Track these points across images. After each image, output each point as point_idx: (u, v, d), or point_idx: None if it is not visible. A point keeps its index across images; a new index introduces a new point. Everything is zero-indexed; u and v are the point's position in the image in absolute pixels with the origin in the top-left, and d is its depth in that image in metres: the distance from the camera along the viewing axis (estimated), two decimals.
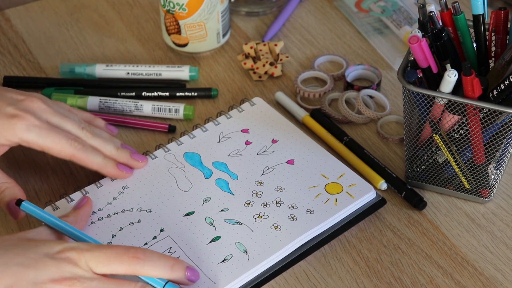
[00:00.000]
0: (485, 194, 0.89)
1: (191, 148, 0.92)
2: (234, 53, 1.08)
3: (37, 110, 0.86)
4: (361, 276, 0.83)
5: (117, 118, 0.98)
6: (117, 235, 0.83)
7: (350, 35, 1.10)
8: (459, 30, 0.85)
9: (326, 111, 0.99)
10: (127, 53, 1.08)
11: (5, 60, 1.07)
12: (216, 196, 0.87)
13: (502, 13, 0.84)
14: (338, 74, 1.04)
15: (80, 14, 1.14)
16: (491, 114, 0.81)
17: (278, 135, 0.93)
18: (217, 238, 0.83)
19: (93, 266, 0.73)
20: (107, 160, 0.88)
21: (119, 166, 0.88)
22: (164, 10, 1.03)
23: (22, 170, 0.93)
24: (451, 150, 0.85)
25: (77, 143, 0.86)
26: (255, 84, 1.04)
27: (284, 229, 0.84)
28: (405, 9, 1.12)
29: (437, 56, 0.84)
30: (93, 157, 0.87)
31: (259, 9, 1.13)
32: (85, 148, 0.86)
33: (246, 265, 0.81)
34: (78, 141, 0.86)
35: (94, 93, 1.01)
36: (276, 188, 0.88)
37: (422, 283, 0.82)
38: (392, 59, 1.06)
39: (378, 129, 0.97)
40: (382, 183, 0.90)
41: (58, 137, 0.85)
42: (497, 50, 0.86)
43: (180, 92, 1.01)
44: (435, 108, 0.83)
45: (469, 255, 0.85)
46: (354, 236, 0.86)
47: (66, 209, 0.86)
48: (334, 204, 0.86)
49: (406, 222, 0.88)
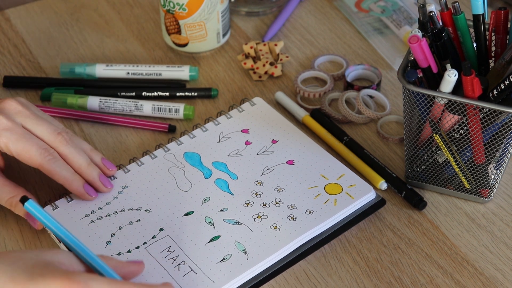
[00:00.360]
0: (485, 194, 0.89)
1: (191, 148, 0.92)
2: (234, 53, 1.08)
3: (12, 112, 0.83)
4: (361, 276, 0.83)
5: (117, 118, 0.98)
6: (116, 234, 0.83)
7: (350, 35, 1.10)
8: (459, 30, 0.85)
9: (326, 111, 0.99)
10: (127, 53, 1.08)
11: (5, 60, 1.07)
12: (216, 196, 0.87)
13: (502, 13, 0.84)
14: (338, 74, 1.04)
15: (80, 14, 1.14)
16: (491, 114, 0.81)
17: (278, 135, 0.93)
18: (216, 238, 0.83)
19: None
20: (75, 177, 0.85)
21: (85, 186, 0.85)
22: (164, 10, 1.03)
23: (22, 170, 0.93)
24: (451, 150, 0.85)
25: (47, 153, 0.83)
26: (255, 84, 1.04)
27: (283, 229, 0.84)
28: (405, 9, 1.12)
29: (437, 56, 0.84)
30: (61, 171, 0.84)
31: (259, 9, 1.13)
32: (54, 160, 0.83)
33: (245, 265, 0.81)
34: (49, 151, 0.83)
35: (94, 93, 1.01)
36: (275, 189, 0.88)
37: (422, 283, 0.82)
38: (392, 59, 1.06)
39: (378, 129, 0.97)
40: (382, 183, 0.90)
41: (28, 144, 0.83)
42: (497, 50, 0.86)
43: (180, 92, 1.01)
44: (435, 108, 0.83)
45: (469, 255, 0.85)
46: (354, 236, 0.86)
47: (66, 208, 0.86)
48: (334, 204, 0.86)
49: (406, 222, 0.88)
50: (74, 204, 0.86)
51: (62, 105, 0.99)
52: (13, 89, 1.03)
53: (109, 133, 0.98)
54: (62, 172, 0.84)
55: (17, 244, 0.85)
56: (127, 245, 0.82)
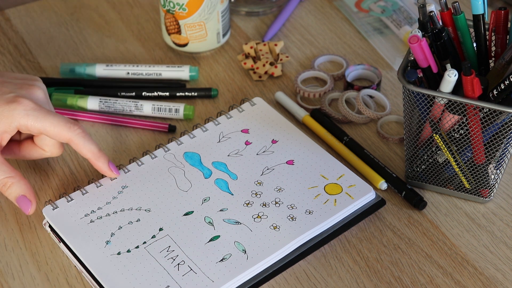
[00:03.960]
0: (485, 194, 0.89)
1: (191, 148, 0.92)
2: (234, 53, 1.08)
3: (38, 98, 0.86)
4: (361, 276, 0.83)
5: (117, 118, 0.98)
6: (116, 234, 0.83)
7: (350, 35, 1.10)
8: (459, 30, 0.85)
9: (326, 111, 0.99)
10: (127, 53, 1.08)
11: (5, 60, 1.07)
12: (216, 196, 0.87)
13: (502, 13, 0.84)
14: (338, 74, 1.04)
15: (80, 14, 1.14)
16: (491, 114, 0.81)
17: (278, 135, 0.93)
18: (216, 238, 0.83)
19: None
20: (101, 154, 0.87)
21: (110, 164, 0.88)
22: (164, 10, 1.03)
23: (22, 170, 0.93)
24: (451, 150, 0.85)
25: (76, 127, 0.85)
26: (255, 84, 1.04)
27: (283, 229, 0.84)
28: (405, 9, 1.12)
29: (437, 56, 0.84)
30: (90, 145, 0.86)
31: (259, 9, 1.13)
32: (83, 134, 0.85)
33: (244, 265, 0.80)
34: (77, 124, 0.85)
35: (94, 93, 1.01)
36: (275, 188, 0.88)
37: (422, 283, 0.82)
38: (392, 59, 1.06)
39: (378, 129, 0.97)
40: (382, 183, 0.90)
41: (56, 119, 0.84)
42: (497, 50, 0.86)
43: (180, 92, 1.01)
44: (435, 108, 0.83)
45: (469, 255, 0.85)
46: (354, 236, 0.86)
47: (66, 208, 0.86)
48: (334, 204, 0.86)
49: (406, 222, 0.88)
50: (74, 204, 0.86)
51: (62, 105, 0.99)
52: None
53: (109, 133, 0.98)
54: (91, 146, 0.86)
55: (17, 244, 0.85)
56: (126, 244, 0.82)
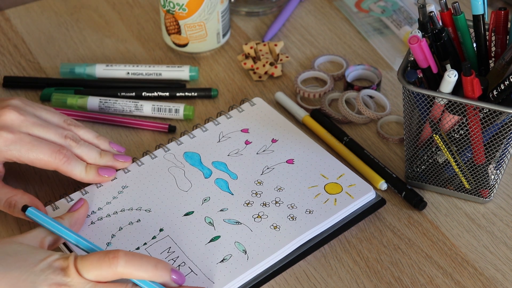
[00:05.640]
0: (485, 194, 0.89)
1: (191, 148, 0.92)
2: (234, 53, 1.08)
3: (15, 124, 0.84)
4: (361, 276, 0.83)
5: (117, 118, 0.98)
6: (116, 235, 0.83)
7: (350, 35, 1.10)
8: (459, 30, 0.85)
9: (326, 111, 0.99)
10: (127, 53, 1.08)
11: (5, 60, 1.07)
12: (216, 196, 0.87)
13: (502, 13, 0.84)
14: (338, 74, 1.04)
15: (80, 14, 1.14)
16: (491, 114, 0.81)
17: (278, 134, 0.93)
18: (216, 238, 0.83)
19: (83, 273, 0.73)
20: (88, 169, 0.87)
21: (100, 171, 0.87)
22: (164, 10, 1.03)
23: (22, 171, 0.93)
24: (451, 150, 0.85)
25: (61, 156, 0.85)
26: (255, 84, 1.04)
27: (283, 229, 0.84)
28: (405, 9, 1.12)
29: (437, 56, 0.84)
30: (76, 169, 0.86)
31: (259, 9, 1.13)
32: (69, 161, 0.85)
33: (245, 265, 0.80)
34: (62, 152, 0.85)
35: (94, 93, 1.01)
36: (275, 188, 0.88)
37: (422, 283, 0.82)
38: (392, 59, 1.06)
39: (378, 129, 0.97)
40: (382, 183, 0.90)
41: (40, 152, 0.84)
42: (497, 50, 0.86)
43: (180, 92, 1.01)
44: (435, 108, 0.83)
45: (469, 255, 0.85)
46: (354, 236, 0.86)
47: (65, 209, 0.86)
48: (334, 204, 0.86)
49: (406, 222, 0.88)
50: None
51: (62, 106, 0.99)
52: (13, 89, 1.03)
53: (109, 133, 0.98)
54: (77, 169, 0.86)
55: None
56: (127, 246, 0.82)
